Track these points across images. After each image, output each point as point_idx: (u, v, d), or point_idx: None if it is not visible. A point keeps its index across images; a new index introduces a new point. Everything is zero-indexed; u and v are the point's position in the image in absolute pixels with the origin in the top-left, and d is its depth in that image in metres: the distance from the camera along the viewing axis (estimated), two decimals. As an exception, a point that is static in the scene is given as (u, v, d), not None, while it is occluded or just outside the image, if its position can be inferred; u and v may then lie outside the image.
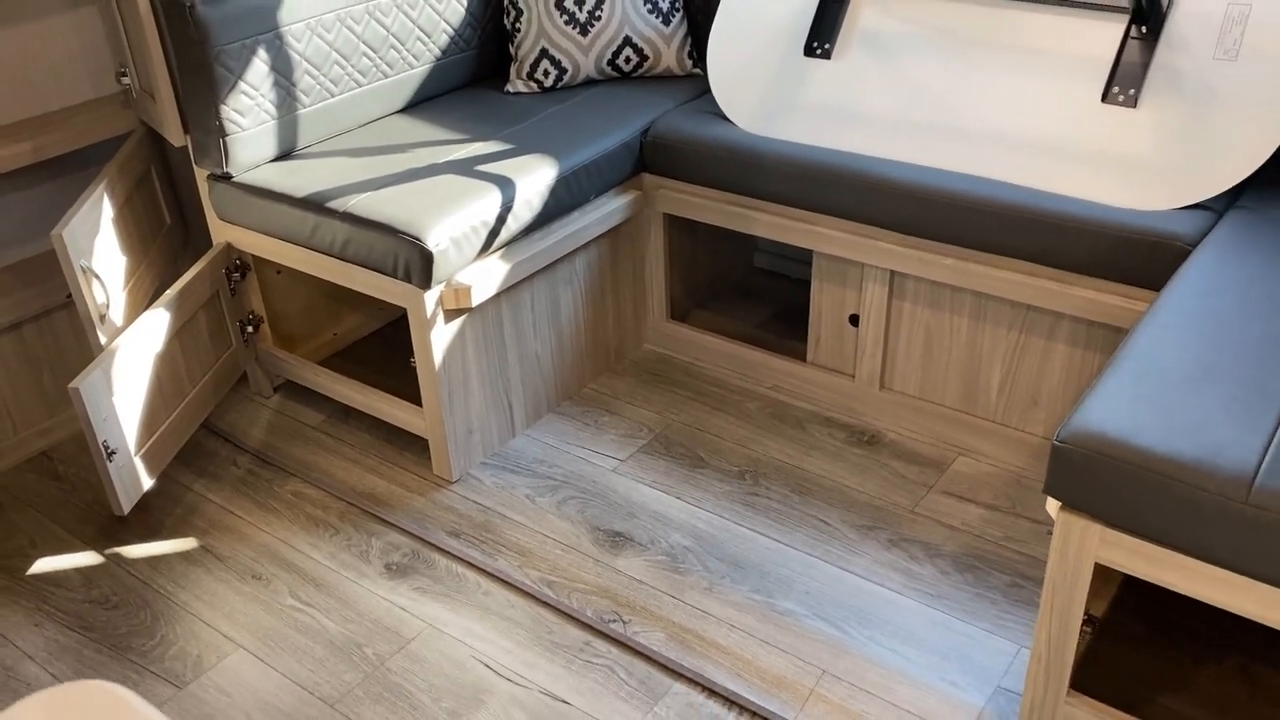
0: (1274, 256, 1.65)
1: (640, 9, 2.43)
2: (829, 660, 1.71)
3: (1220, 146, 1.81)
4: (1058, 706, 1.48)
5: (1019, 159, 1.96)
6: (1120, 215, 1.81)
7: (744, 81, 2.27)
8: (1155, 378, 1.38)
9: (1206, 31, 1.85)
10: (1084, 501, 1.33)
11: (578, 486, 2.11)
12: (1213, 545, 1.24)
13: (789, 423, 2.27)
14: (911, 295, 2.11)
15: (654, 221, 2.37)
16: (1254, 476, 1.22)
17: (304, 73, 2.16)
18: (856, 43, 2.17)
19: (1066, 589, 1.39)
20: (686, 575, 1.90)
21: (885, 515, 2.01)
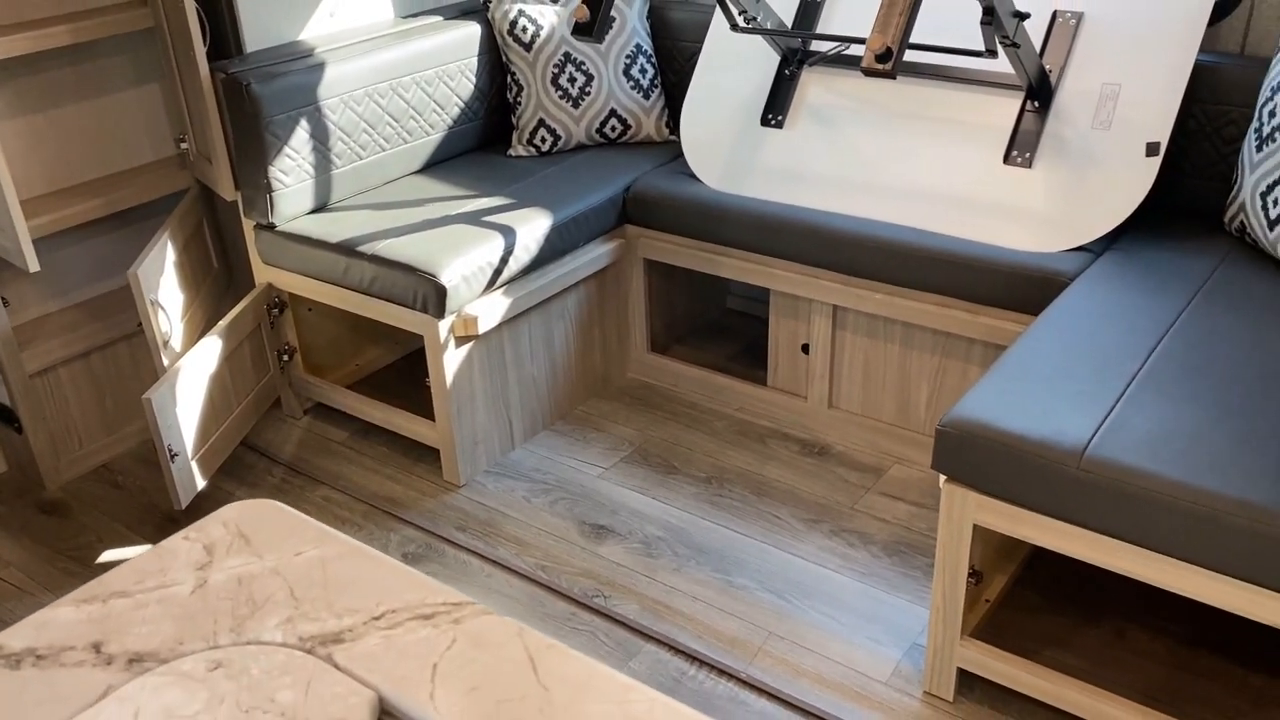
0: (1134, 287, 2.02)
1: (624, 85, 2.84)
2: (775, 624, 2.05)
3: (1097, 199, 2.19)
4: (954, 649, 1.81)
5: (937, 211, 2.34)
6: (1018, 256, 2.19)
7: (711, 147, 2.67)
8: (1021, 378, 1.75)
9: (1086, 106, 2.25)
10: (962, 474, 1.68)
11: (567, 490, 2.46)
12: (1057, 503, 1.60)
13: (751, 437, 2.63)
14: (852, 326, 2.48)
15: (635, 266, 2.75)
16: (1085, 448, 1.58)
17: (338, 139, 2.55)
18: (805, 115, 2.57)
19: (953, 547, 1.74)
20: (658, 559, 2.24)
21: (829, 511, 2.36)
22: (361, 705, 0.87)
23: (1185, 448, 1.56)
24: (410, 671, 0.90)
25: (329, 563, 1.03)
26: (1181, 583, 1.54)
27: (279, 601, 0.99)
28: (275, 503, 1.13)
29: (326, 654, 0.93)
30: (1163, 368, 1.76)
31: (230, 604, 0.98)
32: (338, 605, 0.98)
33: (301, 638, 0.95)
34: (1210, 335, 1.85)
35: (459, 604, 0.98)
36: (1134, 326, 1.88)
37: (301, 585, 1.00)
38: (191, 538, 1.06)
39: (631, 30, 2.84)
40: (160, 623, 0.96)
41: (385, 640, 0.95)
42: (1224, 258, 2.11)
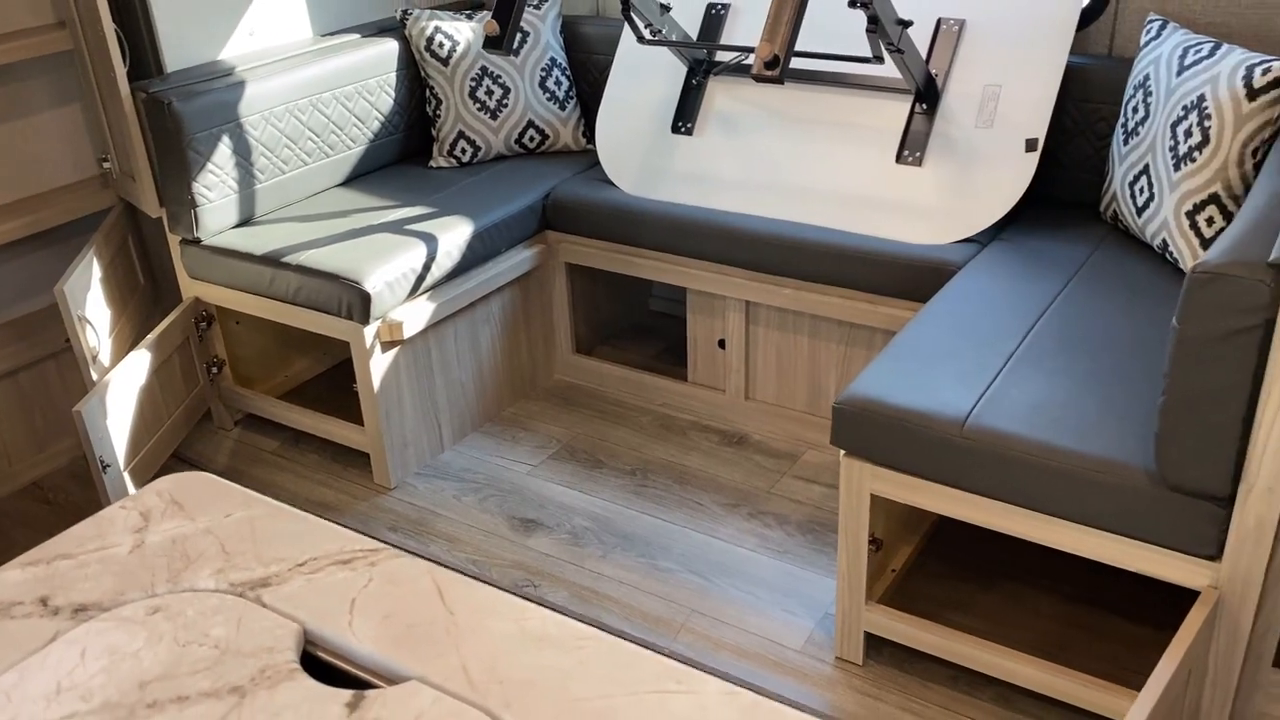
0: (1016, 273, 2.18)
1: (540, 97, 2.94)
2: (697, 602, 2.16)
3: (983, 194, 2.35)
4: (860, 614, 1.94)
5: (837, 209, 2.48)
6: (912, 249, 2.34)
7: (626, 154, 2.78)
8: (910, 358, 1.88)
9: (969, 107, 2.41)
10: (858, 448, 1.81)
11: (497, 487, 2.55)
12: (943, 470, 1.73)
13: (674, 431, 2.74)
14: (764, 321, 2.61)
15: (558, 270, 2.85)
16: (966, 418, 1.72)
17: (260, 154, 2.62)
18: (712, 122, 2.70)
19: (854, 517, 1.86)
20: (585, 548, 2.34)
21: (747, 496, 2.48)
22: (287, 635, 0.96)
23: (1058, 415, 1.71)
24: (331, 606, 1.00)
25: (257, 521, 1.12)
26: (1057, 537, 1.68)
27: (211, 556, 1.07)
28: (207, 474, 1.22)
29: (255, 596, 1.02)
30: (1039, 344, 1.91)
31: (166, 560, 1.07)
32: (265, 556, 1.07)
33: (232, 584, 1.04)
34: (1084, 313, 2.00)
35: (375, 549, 1.08)
36: (1014, 308, 2.03)
37: (232, 541, 1.09)
38: (128, 507, 1.14)
39: (546, 44, 2.95)
40: (101, 578, 1.04)
41: (308, 582, 1.04)
42: (1099, 243, 2.28)
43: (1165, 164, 2.09)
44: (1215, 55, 2.03)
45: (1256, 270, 1.37)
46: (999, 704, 1.90)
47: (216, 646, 0.94)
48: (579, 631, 0.94)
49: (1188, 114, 2.03)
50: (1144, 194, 2.16)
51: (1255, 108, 1.93)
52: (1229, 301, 1.39)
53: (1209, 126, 1.98)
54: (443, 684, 0.88)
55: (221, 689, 0.89)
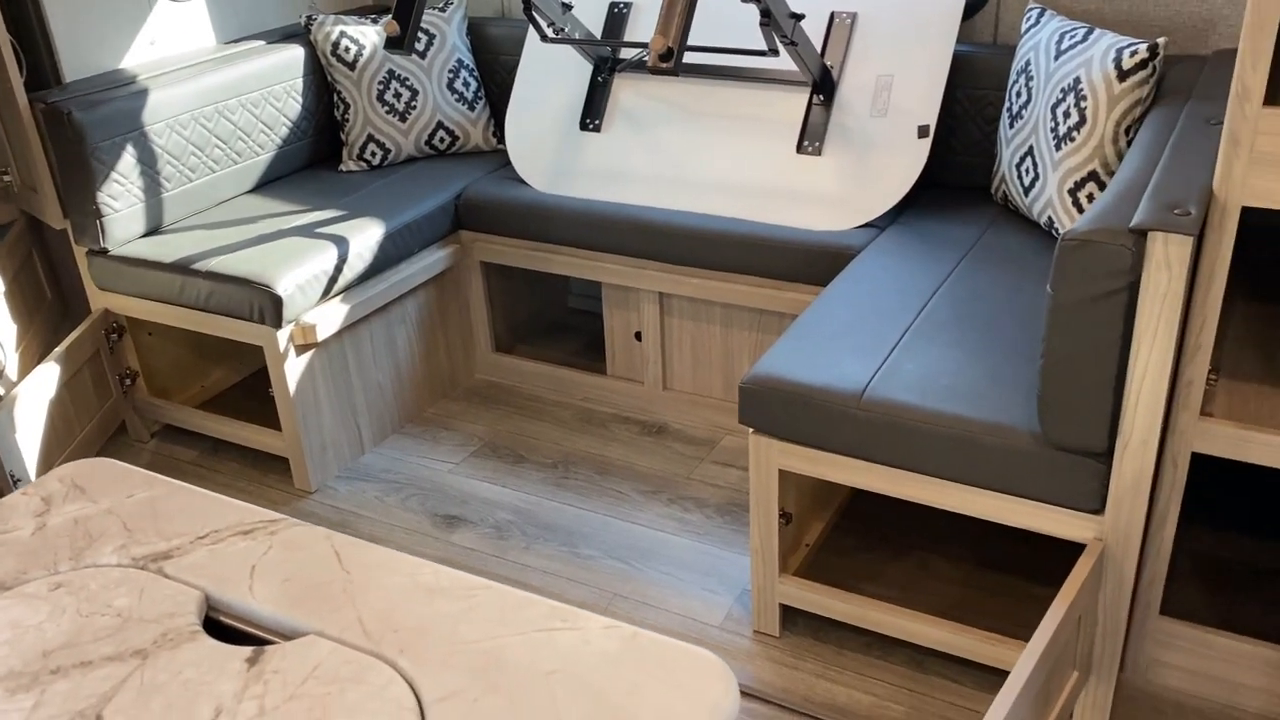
0: (912, 254, 2.27)
1: (449, 99, 2.97)
2: (619, 586, 2.21)
3: (879, 180, 2.44)
4: (775, 587, 2.00)
5: (742, 199, 2.55)
6: (814, 235, 2.41)
7: (536, 152, 2.82)
8: (811, 338, 1.95)
9: (864, 96, 2.49)
10: (764, 424, 1.88)
11: (419, 486, 2.57)
12: (844, 442, 1.80)
13: (595, 424, 2.79)
14: (678, 312, 2.67)
15: (473, 269, 2.88)
16: (863, 391, 1.79)
17: (166, 162, 2.60)
18: (619, 118, 2.75)
19: (764, 493, 1.93)
20: (509, 540, 2.37)
21: (667, 483, 2.53)
22: (189, 602, 0.98)
23: (949, 384, 1.79)
24: (232, 573, 1.02)
25: (158, 500, 1.14)
26: (952, 500, 1.76)
27: (113, 534, 1.09)
28: (107, 459, 1.23)
29: (158, 568, 1.04)
30: (933, 319, 1.99)
31: (69, 539, 1.08)
32: (167, 531, 1.09)
33: (135, 558, 1.06)
34: (975, 289, 2.10)
35: (275, 520, 1.11)
36: (910, 287, 2.12)
37: (134, 519, 1.11)
38: (30, 493, 1.15)
39: (452, 46, 2.97)
40: (4, 560, 1.05)
41: (210, 553, 1.06)
42: (991, 223, 2.38)
43: (1048, 144, 2.19)
44: (1089, 40, 2.14)
45: (1119, 236, 1.46)
46: (910, 666, 1.98)
47: (119, 615, 0.96)
48: (470, 582, 0.98)
49: (1066, 96, 2.13)
50: (1030, 174, 2.27)
51: (1125, 88, 2.04)
52: (1096, 266, 1.47)
53: (1085, 107, 2.09)
54: (339, 635, 0.91)
55: (124, 653, 0.91)
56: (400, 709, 0.84)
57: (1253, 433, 1.63)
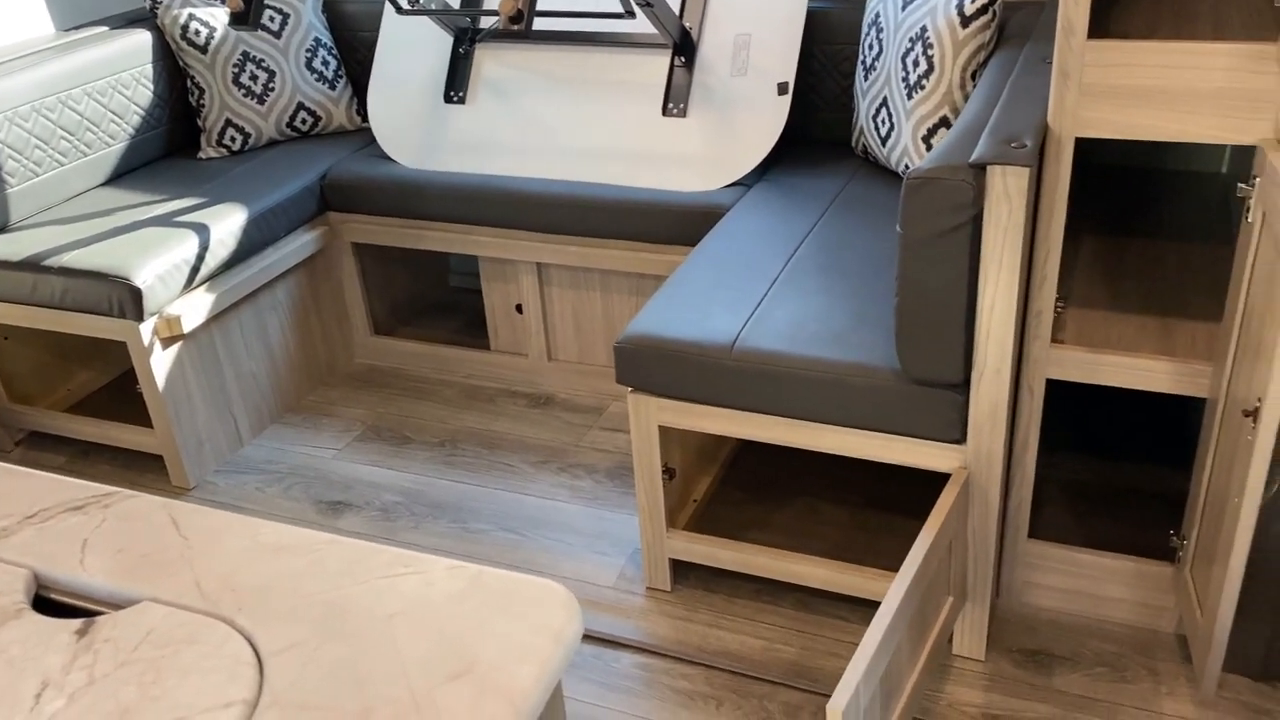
0: (778, 209, 2.31)
1: (308, 79, 2.89)
2: (511, 556, 2.20)
3: (744, 139, 2.47)
4: (663, 542, 2.03)
5: (612, 164, 2.56)
6: (684, 197, 2.43)
7: (401, 128, 2.77)
8: (682, 294, 1.98)
9: (724, 57, 2.52)
10: (641, 382, 1.89)
11: (301, 475, 2.52)
12: (719, 393, 1.83)
13: (481, 400, 2.77)
14: (557, 281, 2.66)
15: (344, 251, 2.82)
16: (734, 342, 1.82)
17: (8, 157, 2.48)
18: (484, 89, 2.72)
19: (646, 450, 1.95)
20: (397, 521, 2.34)
21: (556, 452, 2.53)
22: (15, 580, 0.95)
23: (816, 330, 1.83)
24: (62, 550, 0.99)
25: None
26: (825, 441, 1.80)
27: None
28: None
29: None
30: (799, 270, 2.03)
31: None
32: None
33: None
34: (839, 239, 2.14)
35: (109, 494, 1.07)
36: (777, 241, 2.16)
37: None
38: None
39: (308, 25, 2.90)
40: None
41: (39, 531, 1.02)
42: (852, 175, 2.44)
43: (900, 94, 2.25)
44: (932, -10, 2.19)
45: (960, 172, 1.51)
46: (799, 608, 2.03)
47: (-62, 600, 0.92)
48: (315, 539, 0.97)
49: (914, 45, 2.19)
50: (885, 125, 2.33)
51: (969, 34, 2.11)
52: (940, 202, 1.52)
53: (932, 55, 2.15)
54: (174, 600, 0.89)
55: (-57, 636, 0.87)
56: (237, 664, 0.83)
57: (1101, 355, 1.72)
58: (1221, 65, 1.45)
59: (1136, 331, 1.76)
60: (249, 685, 0.80)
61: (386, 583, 0.88)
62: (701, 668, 1.92)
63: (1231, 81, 1.45)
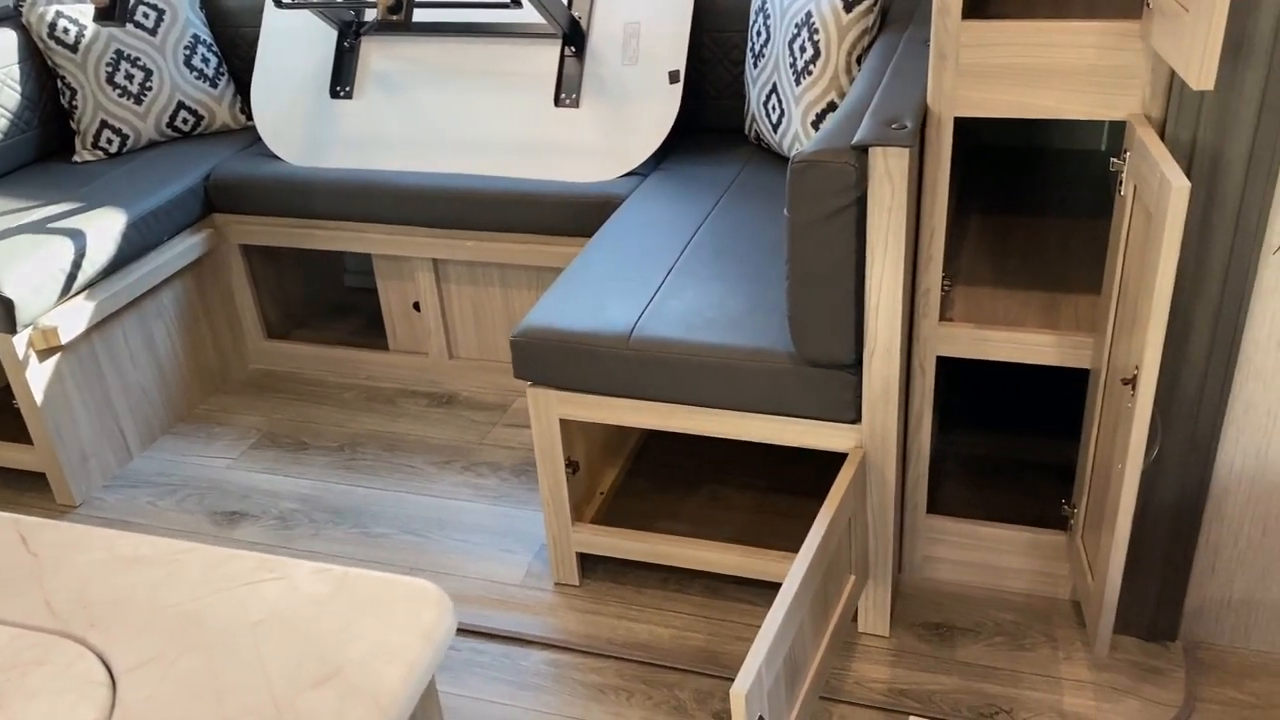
0: (674, 198, 2.30)
1: (187, 77, 2.79)
2: (415, 559, 2.16)
3: (637, 128, 2.46)
4: (569, 536, 2.01)
5: (506, 157, 2.52)
6: (580, 188, 2.41)
7: (287, 125, 2.69)
8: (578, 286, 1.96)
9: (614, 46, 2.50)
10: (540, 376, 1.87)
11: (195, 486, 2.43)
12: (618, 384, 1.82)
13: (381, 401, 2.71)
14: (454, 277, 2.62)
15: (232, 253, 2.73)
16: (631, 331, 1.81)
17: None
18: (371, 83, 2.66)
19: (548, 444, 1.92)
20: (295, 529, 2.27)
21: (460, 451, 2.49)
22: None
23: (712, 316, 1.83)
24: None
25: None
26: (725, 427, 1.81)
27: None
28: None
29: None
30: (694, 258, 2.03)
31: None
32: None
33: None
34: (734, 226, 2.15)
35: None
36: (672, 229, 2.15)
37: None
38: None
39: (185, 21, 2.80)
40: None
41: None
42: (746, 162, 2.45)
43: (788, 80, 2.26)
44: (816, -24, 2.21)
45: (842, 155, 1.52)
46: (708, 595, 2.03)
47: None
48: (175, 547, 0.93)
49: (800, 31, 2.21)
50: (776, 111, 2.34)
51: (852, 19, 2.13)
52: (824, 185, 1.53)
53: (818, 40, 2.17)
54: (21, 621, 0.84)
55: None
56: (88, 684, 0.78)
57: (989, 331, 1.75)
58: (1090, 43, 1.48)
59: (1022, 307, 1.80)
60: (100, 705, 0.76)
61: (249, 589, 0.85)
62: (612, 660, 1.90)
63: (1101, 59, 1.49)
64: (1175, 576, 1.77)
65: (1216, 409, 1.62)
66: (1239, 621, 1.81)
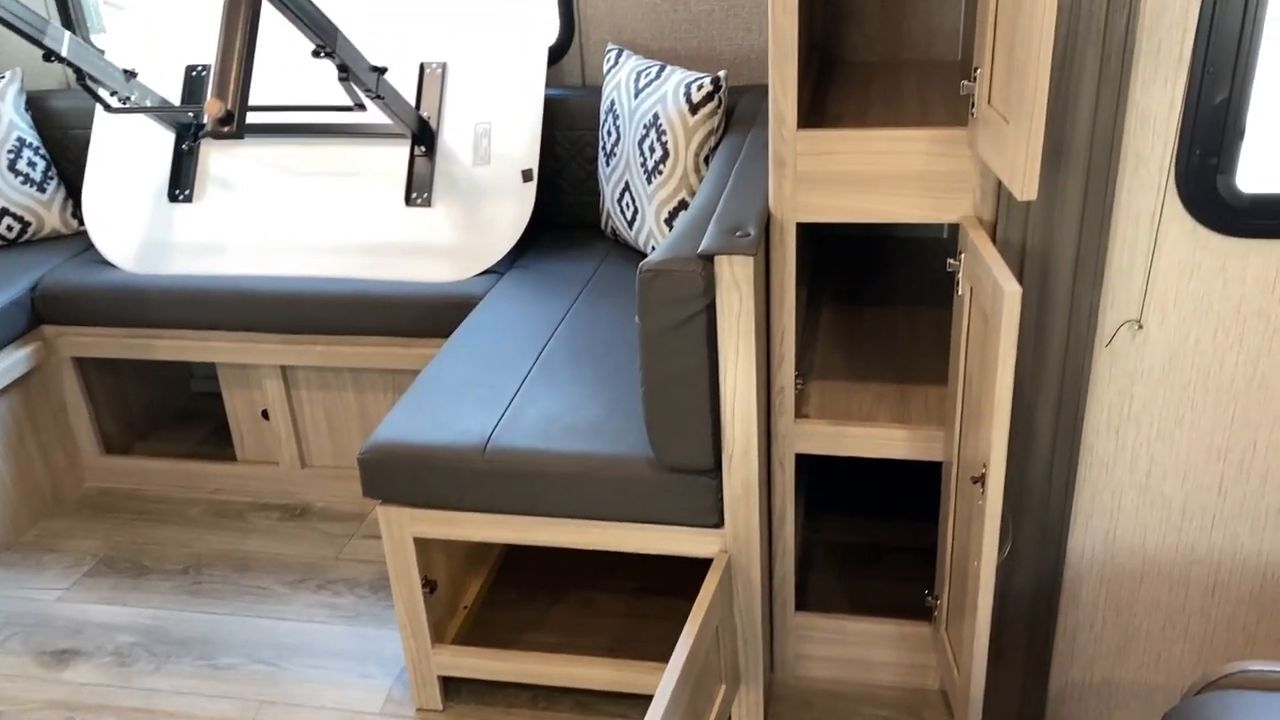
0: (531, 297, 2.27)
1: (11, 182, 2.63)
2: (266, 691, 2.02)
3: (492, 227, 2.43)
4: (429, 659, 1.91)
5: (355, 258, 2.45)
6: (434, 288, 2.36)
7: (122, 230, 2.56)
8: (431, 395, 1.89)
9: (465, 145, 2.48)
10: (392, 494, 1.78)
11: (20, 624, 2.23)
12: (475, 498, 1.75)
13: (229, 516, 2.56)
14: (305, 383, 2.51)
15: (63, 367, 2.56)
16: (487, 443, 1.75)
17: None
18: (212, 185, 2.56)
19: (402, 565, 1.83)
20: (133, 665, 2.10)
21: (314, 568, 2.36)
22: None
23: (570, 422, 1.79)
24: None
25: None
26: (587, 538, 1.76)
27: None
28: None
29: None
30: (552, 360, 2.00)
31: None
32: None
33: None
34: (591, 325, 2.13)
35: None
36: (529, 331, 2.11)
37: None
38: None
39: (10, 124, 2.65)
40: None
41: None
42: (604, 259, 2.44)
43: (640, 179, 2.27)
44: (662, 76, 2.24)
45: (690, 263, 1.51)
46: (578, 711, 1.95)
47: None
48: None
49: (648, 132, 2.22)
50: (630, 208, 2.34)
51: (698, 120, 2.16)
52: (673, 293, 1.52)
53: (666, 141, 2.19)
54: None
55: None
56: None
57: (844, 427, 1.76)
58: (921, 150, 1.53)
59: (875, 400, 1.82)
60: None
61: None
62: (478, 790, 1.80)
63: (931, 164, 1.53)
64: (1037, 663, 1.79)
65: (1064, 497, 1.66)
66: (1100, 702, 1.83)
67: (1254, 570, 1.68)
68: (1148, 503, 1.66)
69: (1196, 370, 1.56)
